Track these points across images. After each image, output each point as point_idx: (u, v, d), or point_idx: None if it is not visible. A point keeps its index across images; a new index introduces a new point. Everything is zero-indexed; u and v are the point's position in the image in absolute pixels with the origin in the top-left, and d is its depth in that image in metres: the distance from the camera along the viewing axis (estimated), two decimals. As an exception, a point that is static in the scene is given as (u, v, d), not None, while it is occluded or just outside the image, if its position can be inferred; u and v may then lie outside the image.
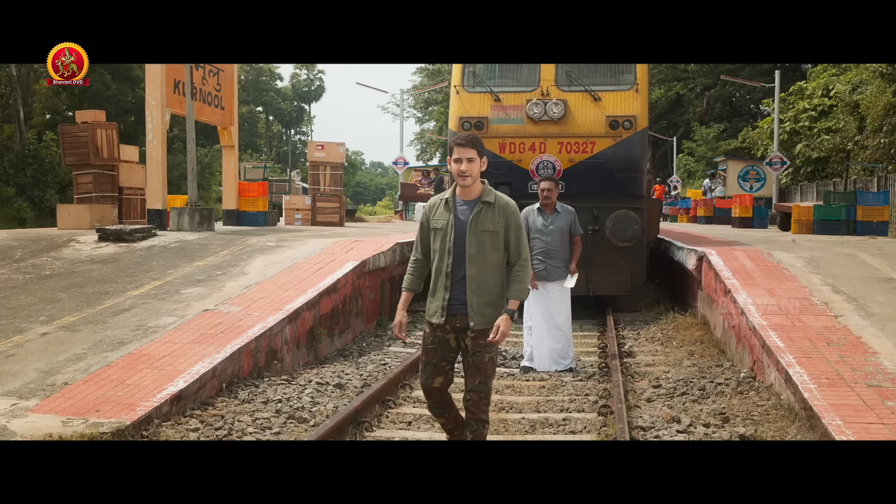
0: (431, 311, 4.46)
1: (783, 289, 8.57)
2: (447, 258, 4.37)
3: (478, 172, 4.39)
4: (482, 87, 11.67)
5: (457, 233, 4.36)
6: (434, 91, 50.38)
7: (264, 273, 9.68)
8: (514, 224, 4.45)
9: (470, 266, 4.34)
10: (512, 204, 4.47)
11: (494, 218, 4.37)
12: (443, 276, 4.39)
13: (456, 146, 4.35)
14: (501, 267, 4.44)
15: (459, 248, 4.35)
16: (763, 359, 6.91)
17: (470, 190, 4.41)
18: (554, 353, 8.36)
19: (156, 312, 8.00)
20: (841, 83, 28.19)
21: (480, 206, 4.38)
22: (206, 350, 6.82)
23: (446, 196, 4.48)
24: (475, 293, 4.34)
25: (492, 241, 4.36)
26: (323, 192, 19.01)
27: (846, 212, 17.01)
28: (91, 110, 15.31)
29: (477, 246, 4.34)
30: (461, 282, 4.36)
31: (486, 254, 4.35)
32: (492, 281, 4.38)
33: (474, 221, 4.35)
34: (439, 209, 4.47)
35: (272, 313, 7.99)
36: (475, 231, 4.35)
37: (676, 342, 9.66)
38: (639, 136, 11.48)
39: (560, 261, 8.36)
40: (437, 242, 4.42)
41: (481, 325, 4.34)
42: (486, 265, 4.36)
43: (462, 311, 4.36)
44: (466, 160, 4.32)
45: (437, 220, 4.44)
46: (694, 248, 11.10)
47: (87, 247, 11.51)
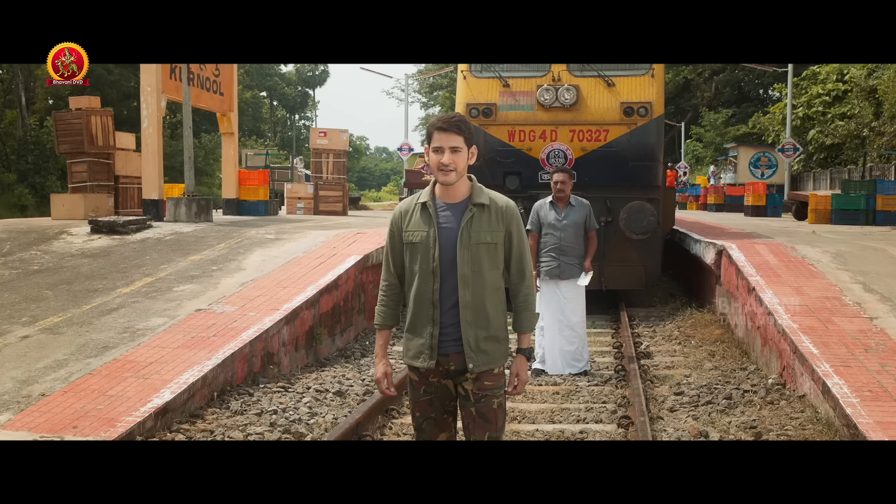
0: (413, 353, 3.40)
1: (811, 287, 8.07)
2: (432, 281, 3.32)
3: (464, 167, 3.31)
4: (490, 72, 11.14)
5: (443, 247, 3.31)
6: (439, 76, 49.70)
7: (262, 269, 9.21)
8: (517, 232, 3.41)
9: (463, 290, 3.31)
10: (512, 206, 3.42)
11: (491, 225, 3.34)
12: (427, 305, 3.34)
13: (436, 131, 3.28)
14: (502, 288, 3.44)
15: (448, 267, 3.31)
16: (795, 366, 6.43)
17: (454, 189, 3.34)
18: (567, 355, 7.89)
19: (145, 313, 7.54)
20: (856, 68, 27.52)
21: (472, 210, 3.33)
22: (197, 356, 6.36)
23: (423, 199, 3.38)
24: (472, 325, 3.32)
25: (489, 255, 3.34)
26: (326, 180, 18.53)
27: (865, 201, 16.45)
28: (85, 97, 14.82)
29: (471, 263, 3.30)
30: (452, 311, 3.33)
31: (483, 272, 3.32)
32: (492, 307, 3.37)
33: (466, 231, 3.31)
34: (414, 217, 3.37)
35: (269, 313, 7.53)
36: (468, 244, 3.30)
37: (695, 341, 9.18)
38: (655, 124, 10.96)
39: (574, 257, 7.87)
40: (418, 262, 3.35)
41: (483, 366, 3.34)
42: (484, 287, 3.34)
43: (456, 350, 3.34)
44: (450, 149, 3.25)
45: (412, 233, 3.36)
46: (713, 242, 10.59)
47: (79, 239, 11.06)
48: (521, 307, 3.47)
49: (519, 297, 3.47)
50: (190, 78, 13.90)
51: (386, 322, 3.55)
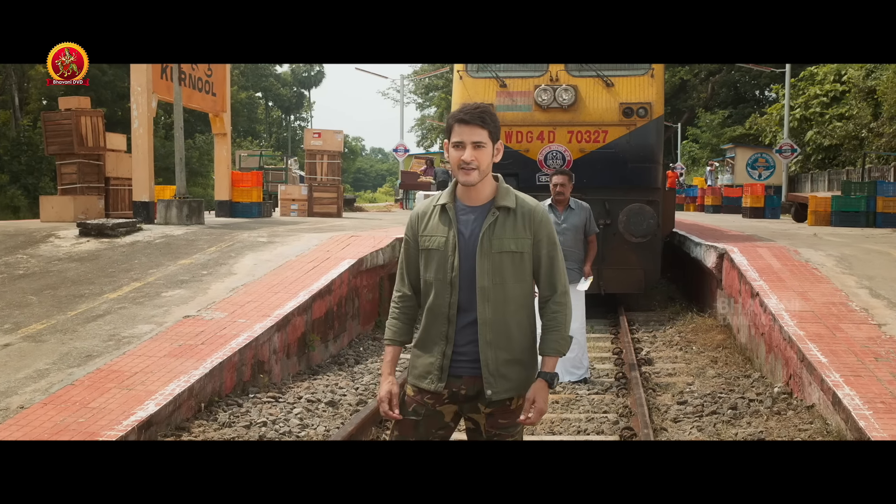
0: (421, 371, 3.03)
1: (816, 292, 7.87)
2: (448, 294, 2.96)
3: (488, 164, 2.95)
4: (487, 72, 10.94)
5: (462, 256, 2.95)
6: (435, 76, 49.47)
7: (253, 273, 8.99)
8: (547, 240, 3.01)
9: (483, 305, 2.94)
10: (541, 210, 3.05)
11: (517, 232, 2.96)
12: (441, 320, 2.98)
13: (457, 123, 2.92)
14: (529, 304, 3.04)
15: (467, 278, 2.95)
16: (802, 374, 6.22)
17: (477, 190, 2.98)
18: (566, 362, 7.66)
19: (132, 319, 7.31)
20: (854, 68, 27.37)
21: (496, 213, 2.96)
22: (184, 365, 6.14)
23: (442, 201, 3.04)
24: (492, 345, 2.94)
25: (514, 266, 2.96)
26: (320, 181, 18.28)
27: (866, 203, 16.28)
28: (75, 97, 14.59)
29: (493, 274, 2.94)
30: (470, 328, 2.96)
31: (505, 286, 2.95)
32: (516, 326, 2.98)
33: (487, 237, 2.94)
34: (433, 220, 3.02)
35: (259, 320, 7.30)
36: (489, 252, 2.94)
37: (697, 347, 8.98)
38: (654, 125, 10.77)
39: (573, 262, 7.65)
40: (433, 270, 2.99)
41: (504, 393, 2.96)
42: (508, 303, 2.95)
43: (472, 373, 2.97)
44: (472, 145, 2.89)
45: (430, 238, 3.01)
46: (714, 245, 10.39)
47: (67, 243, 10.82)
48: (549, 326, 3.03)
49: (547, 314, 3.03)
50: (182, 78, 13.66)
51: (397, 338, 3.16)
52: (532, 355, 3.05)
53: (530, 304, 3.04)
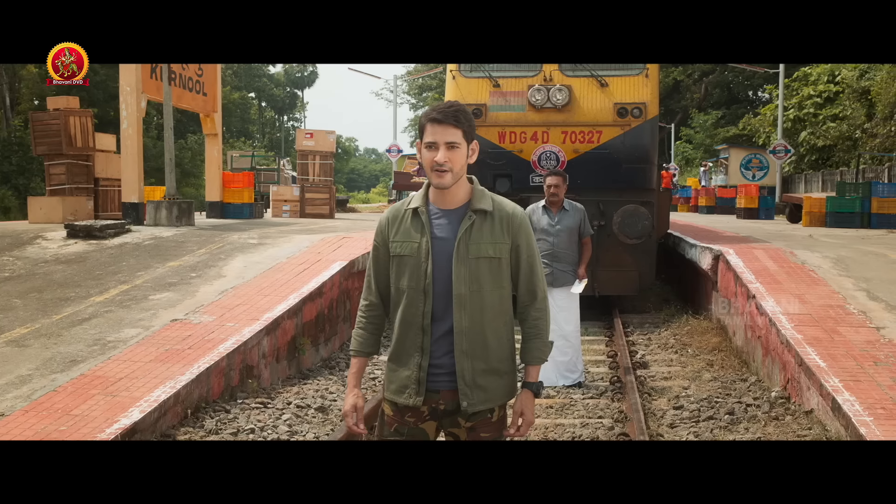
0: (398, 386, 2.87)
1: (813, 294, 7.78)
2: (422, 303, 2.80)
3: (463, 166, 2.81)
4: (480, 71, 10.82)
5: (436, 262, 2.80)
6: (428, 77, 49.37)
7: (243, 275, 8.85)
8: (526, 244, 2.89)
9: (460, 313, 2.79)
10: (520, 213, 2.91)
11: (495, 236, 2.82)
12: (415, 330, 2.82)
13: (430, 123, 2.77)
14: (507, 311, 2.89)
15: (442, 285, 2.79)
16: (800, 379, 6.12)
17: (452, 193, 2.83)
18: (560, 366, 7.55)
19: (118, 323, 7.17)
20: (847, 69, 27.36)
21: (472, 217, 2.82)
22: (170, 370, 6.00)
23: (414, 204, 2.88)
24: (468, 355, 2.80)
25: (492, 272, 2.82)
26: (312, 182, 18.16)
27: (861, 204, 16.21)
28: (63, 97, 14.43)
29: (470, 281, 2.79)
30: (445, 339, 2.81)
31: (483, 293, 2.81)
32: (493, 335, 2.84)
33: (464, 242, 2.79)
34: (404, 225, 2.86)
35: (248, 324, 7.17)
36: (466, 257, 2.79)
37: (692, 350, 8.88)
38: (649, 125, 10.65)
39: (568, 264, 7.55)
40: (406, 278, 2.83)
41: (480, 405, 2.82)
42: (485, 310, 2.81)
43: (450, 387, 2.82)
44: (445, 145, 2.75)
45: (401, 243, 2.85)
46: (709, 247, 10.29)
47: (54, 244, 10.67)
48: (531, 334, 2.94)
49: (528, 321, 2.93)
50: (172, 77, 13.52)
51: (363, 349, 3.02)
52: (510, 364, 2.93)
53: (508, 311, 2.91)
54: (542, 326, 2.94)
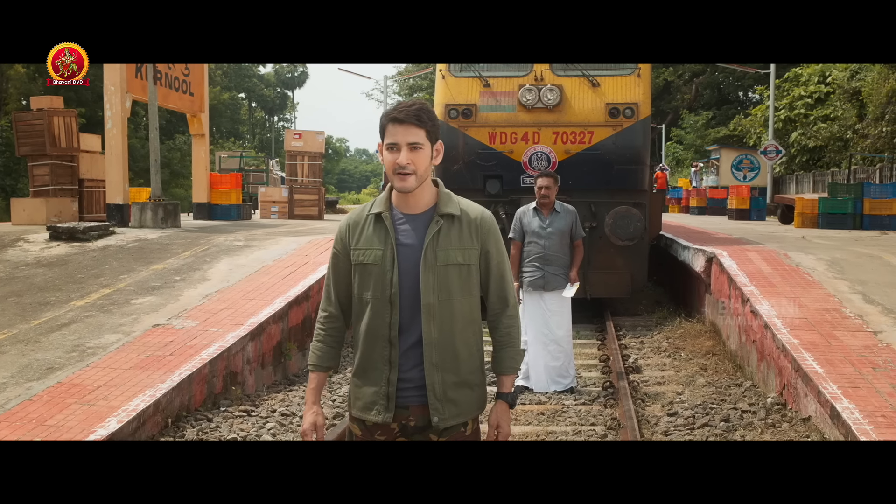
0: (365, 402, 2.71)
1: (809, 298, 7.65)
2: (388, 313, 2.65)
3: (427, 168, 2.66)
4: (470, 71, 10.66)
5: (402, 270, 2.64)
6: (419, 77, 49.20)
7: (228, 279, 8.67)
8: (496, 249, 2.75)
9: (428, 324, 2.64)
10: (488, 217, 2.76)
11: (463, 241, 2.68)
12: (381, 343, 2.66)
13: (391, 123, 2.61)
14: (477, 320, 2.76)
15: (408, 294, 2.64)
16: (797, 385, 5.98)
17: (416, 197, 2.68)
18: (552, 371, 7.41)
19: (98, 328, 6.99)
20: (838, 69, 27.33)
21: (439, 222, 2.67)
22: (150, 378, 5.82)
23: (377, 209, 2.72)
24: (438, 368, 2.65)
25: (461, 279, 2.68)
26: (301, 183, 17.97)
27: (853, 205, 16.14)
28: (47, 96, 14.22)
29: (438, 289, 2.64)
30: (414, 351, 2.66)
31: (452, 301, 2.66)
32: (463, 345, 2.69)
33: (431, 249, 2.64)
34: (367, 231, 2.69)
35: (232, 329, 7.00)
36: (434, 265, 2.64)
37: (685, 353, 8.74)
38: (641, 126, 10.52)
39: (559, 267, 7.39)
40: (370, 287, 2.67)
41: (452, 420, 2.68)
42: (455, 320, 2.67)
43: (419, 402, 2.68)
44: (408, 147, 2.58)
45: (364, 251, 2.68)
46: (702, 249, 10.16)
47: (36, 247, 10.46)
48: (503, 342, 2.81)
49: (500, 329, 2.81)
50: (157, 77, 13.32)
51: (322, 363, 2.83)
52: (481, 376, 2.79)
53: (477, 319, 2.77)
54: (514, 334, 2.82)
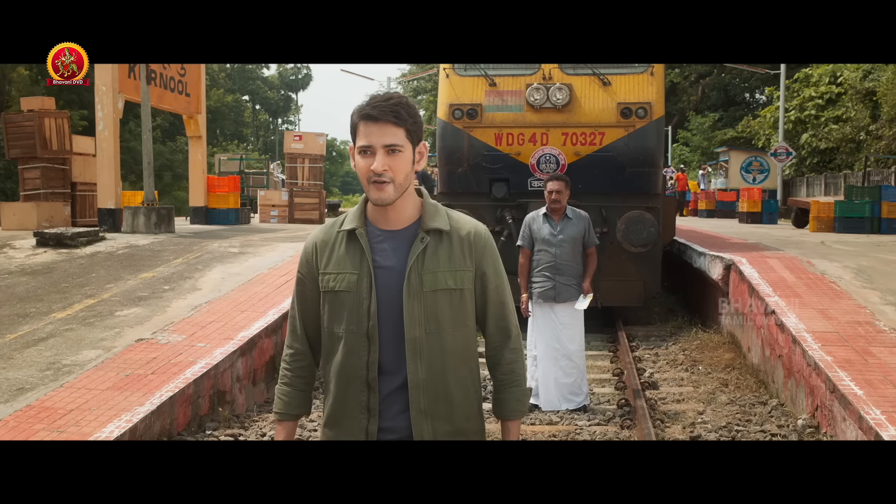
0: None
1: (838, 309, 7.16)
2: (365, 351, 2.17)
3: (408, 175, 2.18)
4: (476, 69, 10.18)
5: (382, 298, 2.17)
6: (423, 79, 48.76)
7: (219, 288, 8.21)
8: (494, 272, 2.28)
9: (414, 362, 2.17)
10: (483, 232, 2.28)
11: (455, 262, 2.20)
12: (358, 386, 2.18)
13: (363, 121, 2.13)
14: (473, 356, 2.27)
15: (390, 327, 2.17)
16: (833, 408, 5.49)
17: (396, 210, 2.20)
18: (563, 388, 6.93)
19: (77, 343, 6.52)
20: (849, 69, 26.80)
21: (425, 239, 2.19)
22: (128, 400, 5.35)
23: (349, 225, 2.24)
24: (428, 415, 2.18)
25: (453, 307, 2.20)
26: (301, 186, 17.52)
27: (870, 208, 15.62)
28: (38, 97, 13.83)
29: (426, 320, 2.17)
30: (398, 395, 2.19)
31: (442, 334, 2.19)
32: (457, 387, 2.22)
33: (416, 271, 2.16)
34: (338, 252, 2.22)
35: (221, 343, 6.53)
36: (420, 291, 2.17)
37: (703, 367, 8.25)
38: (654, 126, 10.02)
39: (571, 277, 6.91)
40: (342, 319, 2.20)
41: None
42: (446, 356, 2.19)
43: None
44: (384, 150, 2.11)
45: (335, 276, 2.21)
46: (719, 255, 9.67)
47: (22, 254, 10.01)
48: (506, 381, 2.32)
49: (501, 366, 2.32)
50: (152, 77, 12.87)
51: (291, 410, 2.34)
52: (479, 422, 2.31)
53: (473, 354, 2.28)
54: (518, 371, 2.33)
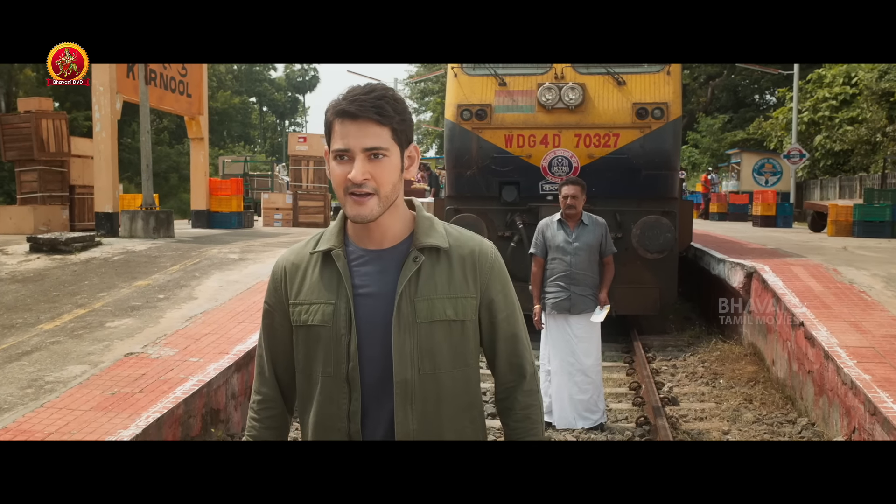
0: None
1: (871, 322, 6.73)
2: (345, 398, 1.80)
3: (395, 185, 1.78)
4: (485, 69, 9.80)
5: (364, 332, 1.79)
6: (430, 80, 48.40)
7: (216, 298, 7.83)
8: (504, 297, 1.90)
9: (405, 411, 1.79)
10: (489, 250, 1.89)
11: (455, 287, 1.82)
12: (337, 439, 1.82)
13: (339, 119, 1.72)
14: (476, 402, 1.91)
15: (375, 368, 1.80)
16: (874, 431, 5.07)
17: (381, 227, 1.81)
18: (579, 405, 6.53)
19: (63, 358, 6.14)
20: (864, 70, 26.28)
21: (418, 259, 1.80)
22: (112, 423, 4.96)
23: (325, 245, 1.84)
24: None
25: (452, 342, 1.82)
26: (306, 189, 17.15)
27: (891, 212, 15.16)
28: (35, 98, 13.49)
29: (419, 358, 1.79)
30: None
31: (439, 376, 1.81)
32: (459, 439, 1.87)
33: (408, 298, 1.78)
34: (311, 278, 1.84)
35: (216, 358, 6.14)
36: (412, 322, 1.79)
37: (725, 381, 7.83)
38: (671, 127, 9.61)
39: (587, 287, 6.51)
40: (318, 359, 1.82)
41: None
42: (443, 403, 1.82)
43: None
44: (365, 154, 1.72)
45: (308, 306, 1.82)
46: (740, 262, 9.24)
47: (14, 260, 9.65)
48: (520, 430, 1.92)
49: (514, 412, 1.92)
50: (151, 77, 12.52)
51: None
52: None
53: (475, 401, 1.90)
54: (535, 417, 1.93)
